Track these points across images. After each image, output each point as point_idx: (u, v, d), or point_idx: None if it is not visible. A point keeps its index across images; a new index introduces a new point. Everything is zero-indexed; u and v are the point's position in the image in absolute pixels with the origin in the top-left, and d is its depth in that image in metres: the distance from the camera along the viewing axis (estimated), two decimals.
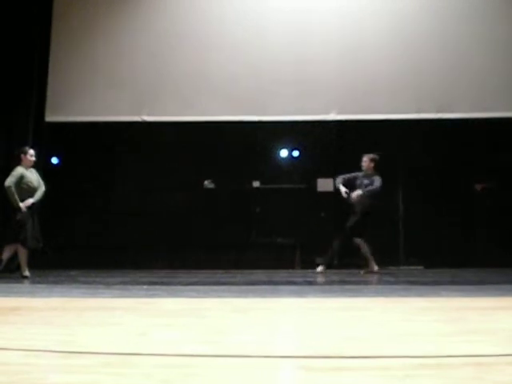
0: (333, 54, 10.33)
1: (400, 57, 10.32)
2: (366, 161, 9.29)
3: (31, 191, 8.27)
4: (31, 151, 8.38)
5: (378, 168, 9.26)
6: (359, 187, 9.20)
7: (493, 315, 4.13)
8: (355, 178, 9.33)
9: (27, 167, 8.32)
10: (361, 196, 9.04)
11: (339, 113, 10.26)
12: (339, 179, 9.38)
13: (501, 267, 9.57)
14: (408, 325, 3.68)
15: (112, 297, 5.73)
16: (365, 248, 9.19)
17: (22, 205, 8.08)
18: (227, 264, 9.89)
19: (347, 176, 9.38)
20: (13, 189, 8.06)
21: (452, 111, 10.11)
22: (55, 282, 7.57)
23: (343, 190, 9.15)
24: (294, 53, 10.37)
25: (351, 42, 10.38)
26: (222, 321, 3.99)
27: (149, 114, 10.38)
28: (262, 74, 10.38)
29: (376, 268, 9.17)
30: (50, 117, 10.38)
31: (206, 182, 11.34)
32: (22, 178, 8.18)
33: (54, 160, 11.80)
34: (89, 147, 11.03)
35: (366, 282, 8.09)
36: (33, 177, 8.35)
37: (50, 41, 10.54)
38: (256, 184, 11.50)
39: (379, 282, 7.90)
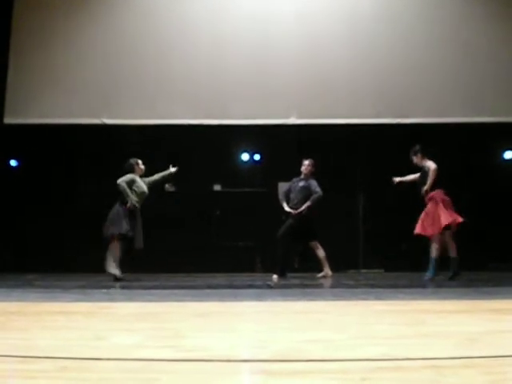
0: (293, 58, 10.37)
1: (360, 62, 10.41)
2: (308, 165, 9.33)
3: (141, 196, 8.82)
4: (140, 161, 9.01)
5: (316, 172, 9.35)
6: (293, 190, 9.29)
7: (450, 318, 4.19)
8: (291, 185, 9.42)
9: (138, 175, 8.91)
10: (307, 207, 9.10)
11: (299, 117, 10.32)
12: (281, 196, 9.51)
13: None
14: (366, 328, 3.71)
15: (70, 301, 5.67)
16: (320, 251, 9.26)
17: (133, 198, 8.63)
18: (187, 267, 9.86)
19: (286, 189, 9.47)
20: (124, 185, 8.60)
21: (410, 116, 10.23)
22: (12, 286, 7.47)
23: (287, 209, 9.24)
24: (255, 57, 10.40)
25: (312, 47, 10.44)
26: (181, 325, 3.97)
27: (109, 117, 10.30)
28: (222, 77, 10.39)
29: (330, 273, 9.23)
30: (9, 119, 10.24)
31: (166, 186, 11.29)
32: (133, 181, 8.74)
33: (13, 162, 11.66)
34: (48, 150, 10.93)
35: (325, 286, 8.13)
36: (143, 184, 8.90)
37: (10, 42, 10.41)
38: (217, 187, 11.50)
39: (339, 286, 7.94)
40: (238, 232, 11.16)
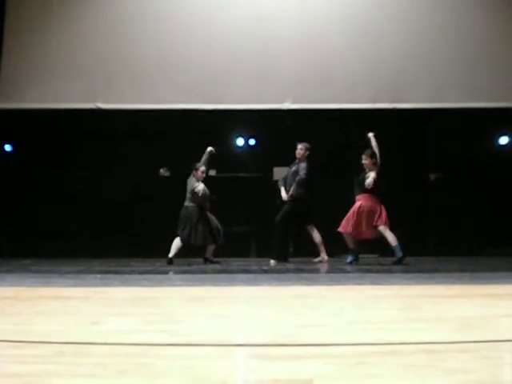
0: (288, 42, 10.32)
1: (356, 46, 10.37)
2: (301, 148, 9.30)
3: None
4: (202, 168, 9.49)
5: (311, 156, 9.32)
6: (287, 175, 9.30)
7: (444, 303, 4.20)
8: (288, 170, 9.43)
9: (198, 180, 9.40)
10: (293, 190, 9.09)
11: (294, 102, 10.29)
12: (280, 181, 9.50)
13: (452, 255, 9.75)
14: (361, 312, 3.72)
15: (65, 286, 5.66)
16: (316, 236, 9.25)
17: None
18: (182, 252, 9.84)
19: (285, 174, 9.47)
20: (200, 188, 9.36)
21: (406, 101, 10.21)
22: (8, 271, 7.46)
23: (283, 194, 9.24)
24: (249, 41, 10.35)
25: (307, 31, 10.39)
26: (176, 310, 3.97)
27: (103, 102, 10.26)
28: (217, 62, 10.34)
29: (326, 257, 9.23)
30: (3, 104, 10.18)
31: (161, 170, 11.27)
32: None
33: (8, 147, 11.61)
34: (43, 134, 10.88)
35: (321, 271, 8.14)
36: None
37: (3, 27, 10.34)
38: (212, 172, 11.47)
39: (334, 270, 7.95)
40: (233, 217, 11.15)
